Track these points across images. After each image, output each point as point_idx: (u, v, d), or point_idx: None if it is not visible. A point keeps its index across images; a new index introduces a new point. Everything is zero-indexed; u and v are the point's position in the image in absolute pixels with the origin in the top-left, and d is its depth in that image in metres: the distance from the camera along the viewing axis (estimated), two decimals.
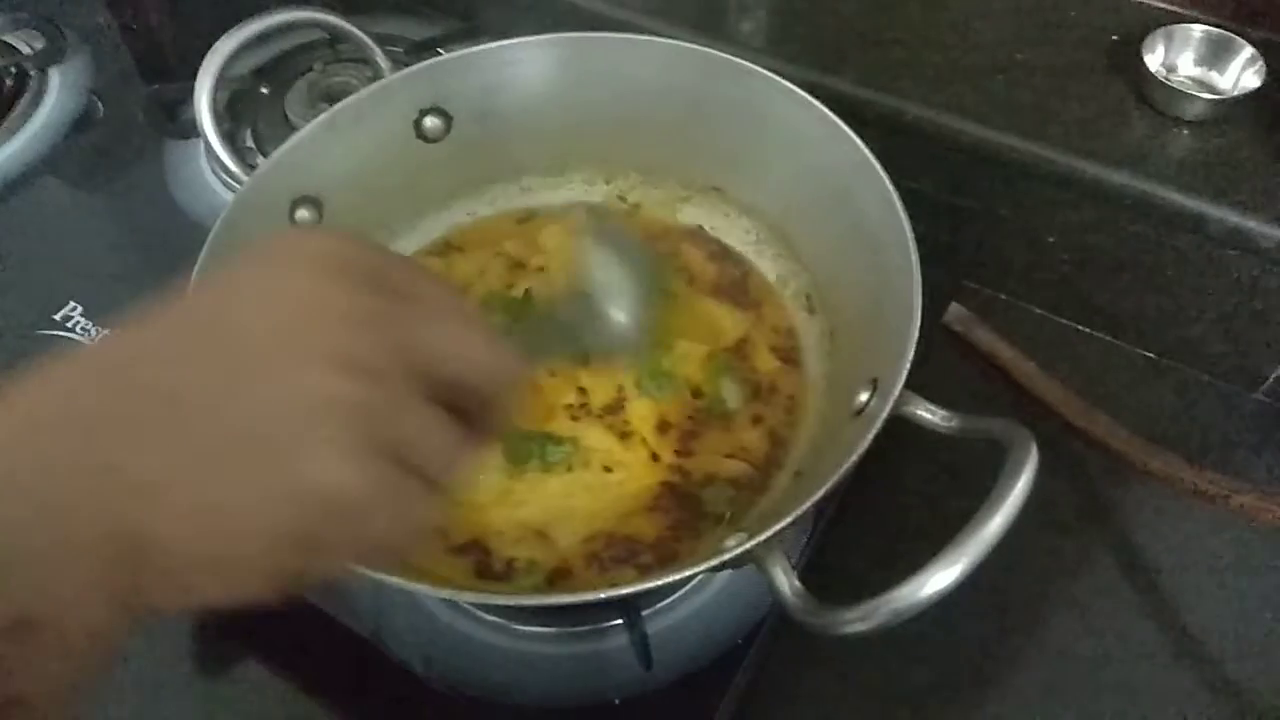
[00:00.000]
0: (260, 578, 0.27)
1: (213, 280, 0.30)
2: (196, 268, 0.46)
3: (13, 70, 0.82)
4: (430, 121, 0.57)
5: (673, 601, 0.51)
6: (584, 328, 0.47)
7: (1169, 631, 0.55)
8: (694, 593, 0.52)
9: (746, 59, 0.55)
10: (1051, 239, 0.66)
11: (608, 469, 0.51)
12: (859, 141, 0.49)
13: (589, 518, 0.49)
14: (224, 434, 0.26)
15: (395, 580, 0.37)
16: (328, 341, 0.26)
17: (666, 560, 0.48)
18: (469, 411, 0.30)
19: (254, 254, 0.29)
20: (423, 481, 0.28)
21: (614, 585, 0.39)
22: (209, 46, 0.55)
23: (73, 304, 0.66)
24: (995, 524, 0.34)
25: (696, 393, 0.53)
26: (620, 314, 0.47)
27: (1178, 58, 0.67)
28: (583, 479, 0.50)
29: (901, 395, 0.41)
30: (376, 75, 0.59)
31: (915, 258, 0.44)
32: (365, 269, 0.28)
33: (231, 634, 0.53)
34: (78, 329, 0.65)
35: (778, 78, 0.53)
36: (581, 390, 0.53)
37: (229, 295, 0.28)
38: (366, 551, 0.28)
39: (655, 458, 0.51)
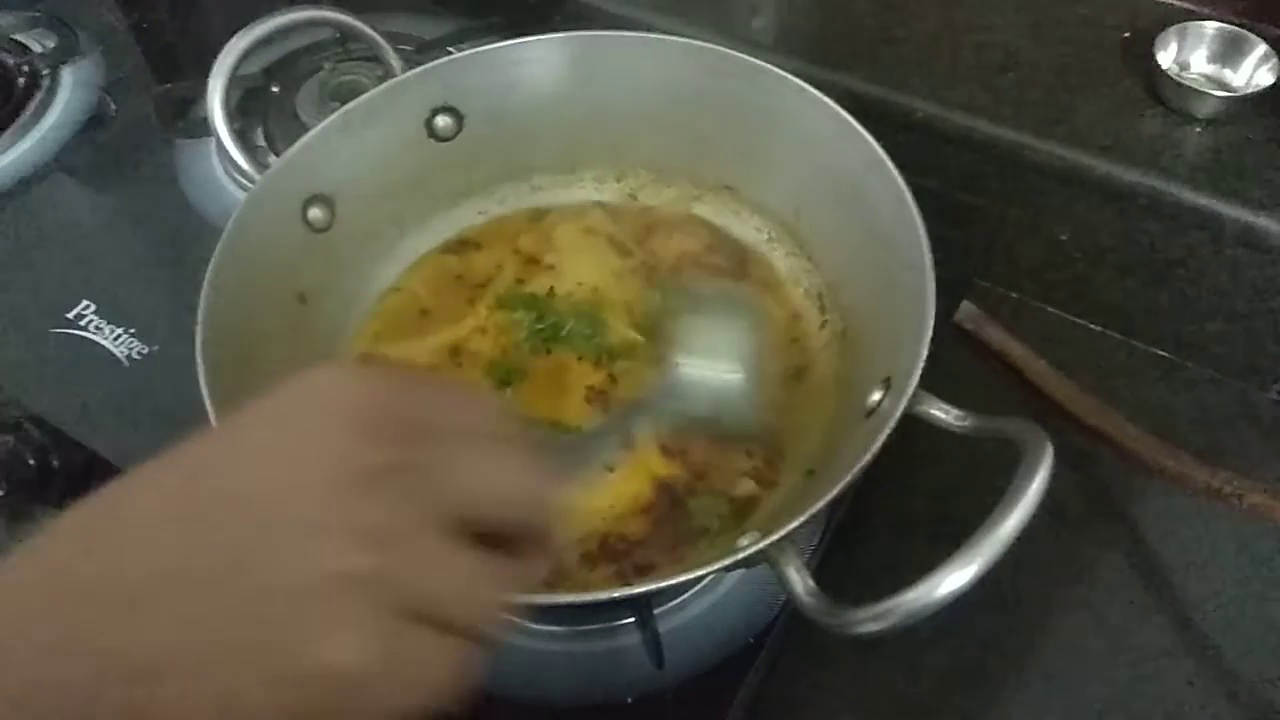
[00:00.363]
0: None
1: (220, 433, 0.27)
2: (210, 267, 0.46)
3: (25, 69, 0.82)
4: (442, 120, 0.57)
5: (685, 600, 0.51)
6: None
7: (1181, 631, 0.55)
8: (705, 592, 0.52)
9: (757, 57, 0.55)
10: (1063, 237, 0.66)
11: (609, 468, 0.50)
12: (871, 139, 0.49)
13: (586, 516, 0.49)
14: (229, 614, 0.24)
15: None
16: (343, 511, 0.25)
17: (649, 565, 0.48)
18: (514, 540, 0.28)
19: (267, 404, 0.27)
20: (458, 636, 0.26)
21: (615, 584, 0.40)
22: (220, 45, 0.55)
23: (86, 302, 0.66)
24: (1010, 524, 0.34)
25: None
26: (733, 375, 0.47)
27: (1190, 55, 0.66)
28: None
29: (915, 394, 0.40)
30: (388, 74, 0.59)
31: (928, 255, 0.44)
32: (390, 412, 0.26)
33: None
34: (91, 327, 0.65)
35: (789, 75, 0.53)
36: (611, 378, 0.53)
37: (236, 455, 0.26)
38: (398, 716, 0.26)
39: (663, 456, 0.51)
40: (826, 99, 0.51)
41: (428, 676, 0.26)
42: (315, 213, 0.53)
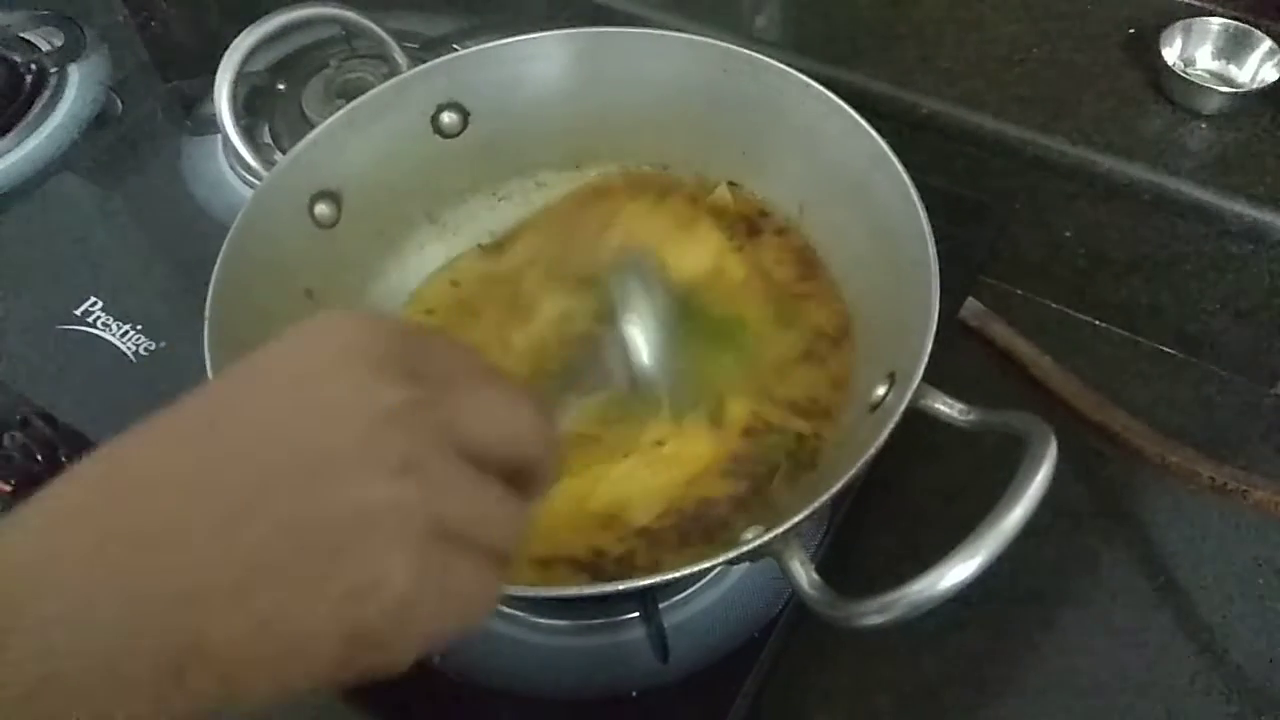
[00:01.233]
0: (317, 677, 0.26)
1: (237, 374, 0.28)
2: (218, 264, 0.47)
3: (32, 67, 0.83)
4: (448, 117, 0.57)
5: (690, 594, 0.51)
6: (615, 367, 0.47)
7: (1184, 627, 0.55)
8: (710, 586, 0.52)
9: (761, 54, 0.55)
10: (1067, 233, 0.66)
11: (659, 442, 0.51)
12: (876, 135, 0.49)
13: (658, 492, 0.49)
14: (273, 539, 0.25)
15: None
16: (372, 442, 0.25)
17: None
18: (519, 474, 0.29)
19: (281, 345, 0.27)
20: (488, 555, 0.27)
21: (646, 573, 0.40)
22: (226, 43, 0.55)
23: (93, 299, 0.66)
24: (1014, 517, 0.34)
25: None
26: (645, 355, 0.47)
27: (1196, 51, 0.66)
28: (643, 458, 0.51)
29: (919, 389, 0.41)
30: (393, 71, 0.59)
31: (933, 250, 0.44)
32: (398, 355, 0.27)
33: None
34: (99, 324, 0.65)
35: (794, 72, 0.53)
36: None
37: (256, 394, 0.27)
38: (434, 639, 0.27)
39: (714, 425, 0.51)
40: (831, 95, 0.51)
41: (468, 596, 0.27)
42: (322, 209, 0.53)
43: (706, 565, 0.39)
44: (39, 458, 0.62)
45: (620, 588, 0.39)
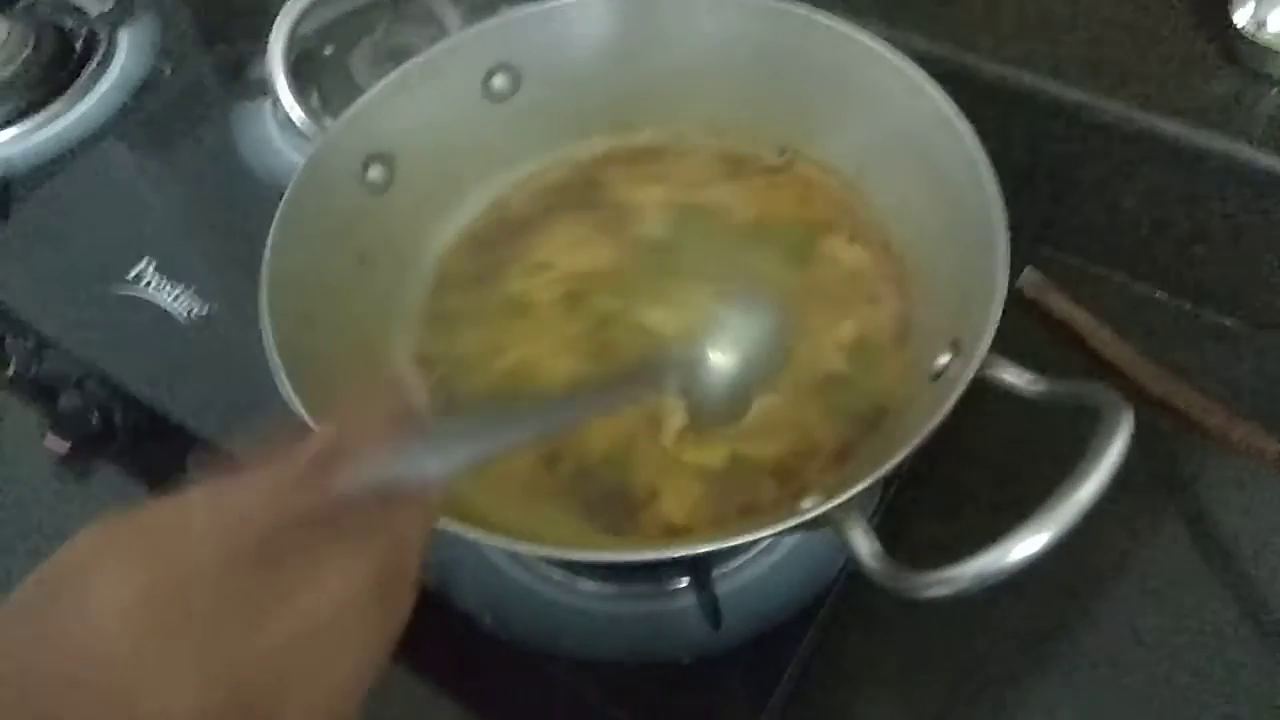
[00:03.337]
0: None
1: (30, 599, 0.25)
2: (274, 226, 0.47)
3: (82, 32, 0.83)
4: (499, 79, 0.56)
5: (743, 563, 0.51)
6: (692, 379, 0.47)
7: (1243, 607, 0.54)
8: (764, 554, 0.52)
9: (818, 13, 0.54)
10: (1130, 202, 0.64)
11: None
12: (942, 95, 0.48)
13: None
14: None
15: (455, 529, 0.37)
16: (168, 660, 0.24)
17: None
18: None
19: (56, 568, 0.25)
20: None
21: (687, 543, 0.39)
22: (274, 6, 0.55)
23: (146, 259, 0.67)
24: (1088, 489, 0.34)
25: None
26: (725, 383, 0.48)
27: (1268, 13, 0.64)
28: None
29: (985, 358, 0.40)
30: (442, 34, 0.59)
31: (1001, 213, 0.43)
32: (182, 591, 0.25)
33: None
34: (150, 287, 0.66)
35: (855, 30, 0.52)
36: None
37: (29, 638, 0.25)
38: None
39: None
40: (895, 53, 0.50)
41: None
42: (375, 172, 0.53)
43: (764, 533, 0.39)
44: (93, 418, 0.63)
45: (675, 554, 0.39)
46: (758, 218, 0.57)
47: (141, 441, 0.64)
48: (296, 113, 0.52)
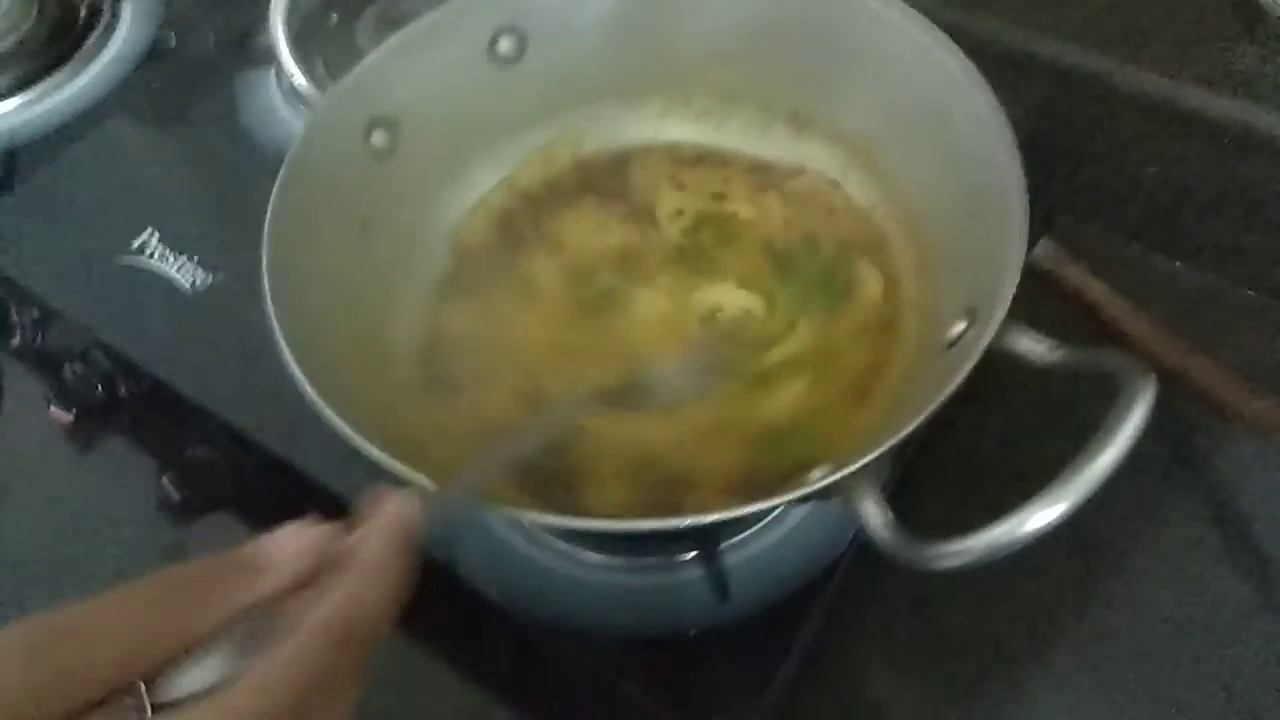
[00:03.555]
0: None
1: None
2: (275, 190, 0.46)
3: (86, 2, 0.82)
4: (505, 43, 0.55)
5: (751, 534, 0.51)
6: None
7: (1259, 584, 0.53)
8: (772, 526, 0.51)
9: None
10: (1149, 170, 0.63)
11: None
12: (961, 58, 0.46)
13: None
14: None
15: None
16: None
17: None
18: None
19: None
20: None
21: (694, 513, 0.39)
22: None
23: (150, 230, 0.66)
24: (1105, 459, 0.33)
25: None
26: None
27: None
28: None
29: (1002, 326, 0.39)
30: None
31: (1020, 177, 0.41)
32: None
33: None
34: (155, 256, 0.65)
35: None
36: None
37: None
38: None
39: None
40: (911, 15, 0.49)
41: None
42: (378, 137, 0.52)
43: (774, 502, 0.38)
44: (98, 388, 0.63)
45: (684, 523, 0.38)
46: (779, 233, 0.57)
47: (147, 412, 0.64)
48: (299, 79, 0.51)
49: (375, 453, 0.37)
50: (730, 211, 0.58)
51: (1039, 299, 0.60)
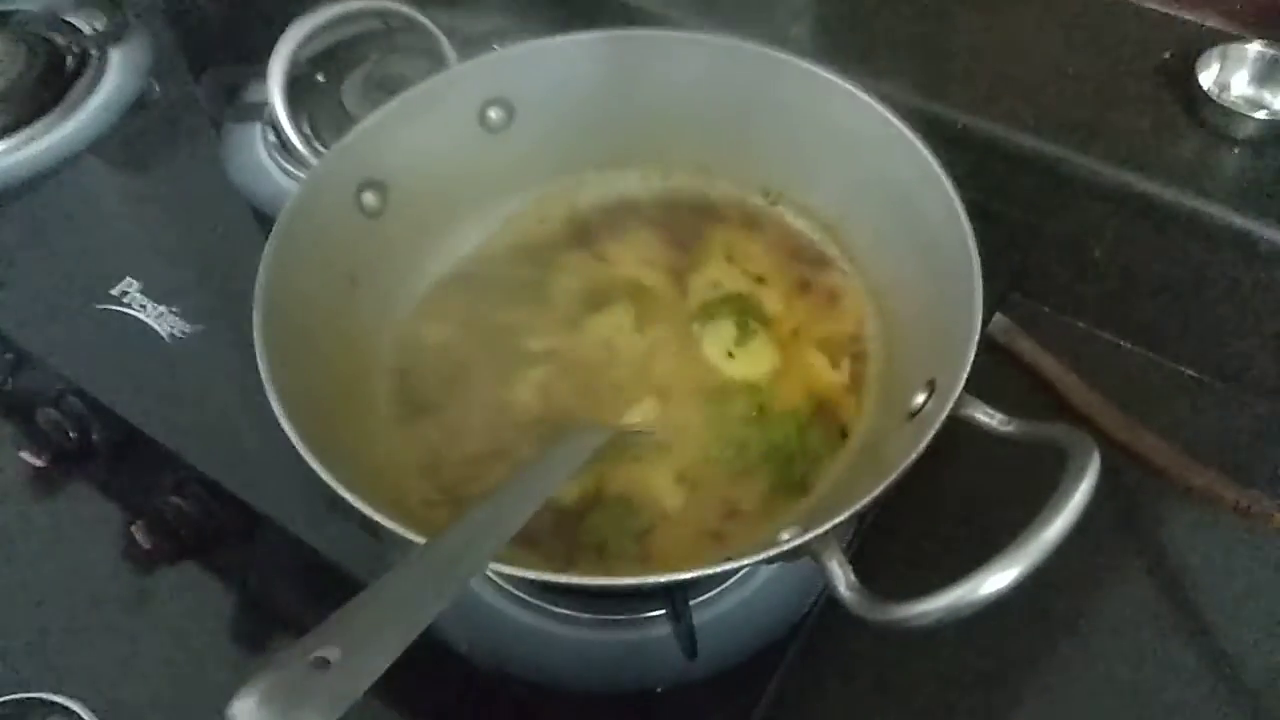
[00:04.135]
0: None
1: None
2: (268, 246, 0.47)
3: (74, 49, 0.83)
4: (494, 112, 0.58)
5: (719, 593, 0.52)
6: None
7: (1204, 651, 0.55)
8: (740, 584, 0.52)
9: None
10: (1097, 253, 0.67)
11: None
12: (922, 146, 0.49)
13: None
14: None
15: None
16: None
17: None
18: None
19: None
20: None
21: (665, 571, 0.40)
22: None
23: (129, 279, 0.67)
24: (1056, 527, 0.35)
25: None
26: None
27: (1231, 76, 0.67)
28: None
29: (960, 398, 0.41)
30: (436, 67, 0.60)
31: (977, 265, 0.44)
32: None
33: (267, 617, 0.54)
34: (135, 305, 0.66)
35: (839, 79, 0.54)
36: None
37: None
38: None
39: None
40: (877, 103, 0.52)
41: None
42: (369, 198, 0.54)
43: (743, 562, 0.40)
44: (71, 434, 0.63)
45: (651, 581, 0.40)
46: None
47: (119, 459, 0.64)
48: (293, 136, 0.53)
49: (377, 515, 0.38)
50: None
51: (994, 371, 0.63)
